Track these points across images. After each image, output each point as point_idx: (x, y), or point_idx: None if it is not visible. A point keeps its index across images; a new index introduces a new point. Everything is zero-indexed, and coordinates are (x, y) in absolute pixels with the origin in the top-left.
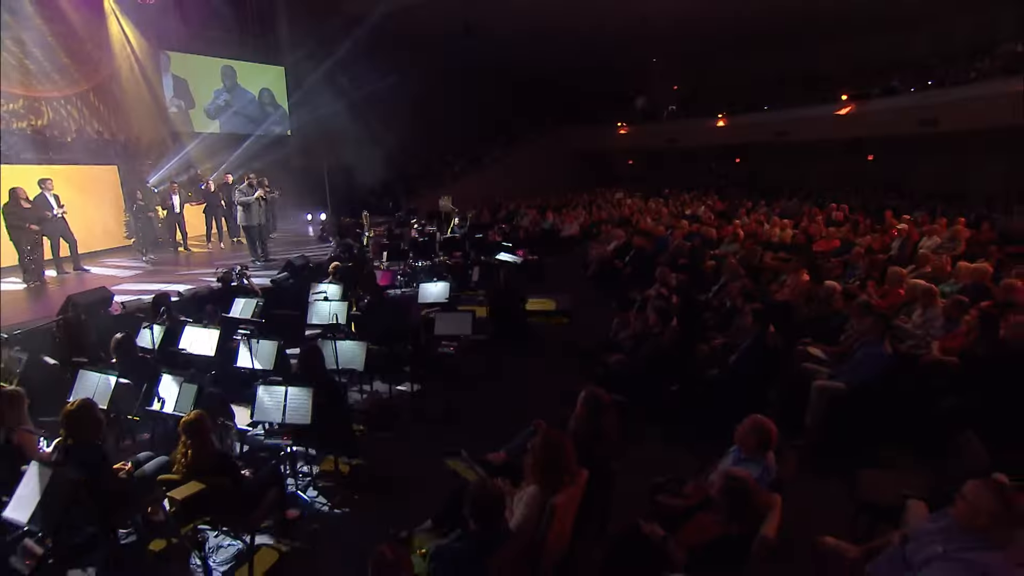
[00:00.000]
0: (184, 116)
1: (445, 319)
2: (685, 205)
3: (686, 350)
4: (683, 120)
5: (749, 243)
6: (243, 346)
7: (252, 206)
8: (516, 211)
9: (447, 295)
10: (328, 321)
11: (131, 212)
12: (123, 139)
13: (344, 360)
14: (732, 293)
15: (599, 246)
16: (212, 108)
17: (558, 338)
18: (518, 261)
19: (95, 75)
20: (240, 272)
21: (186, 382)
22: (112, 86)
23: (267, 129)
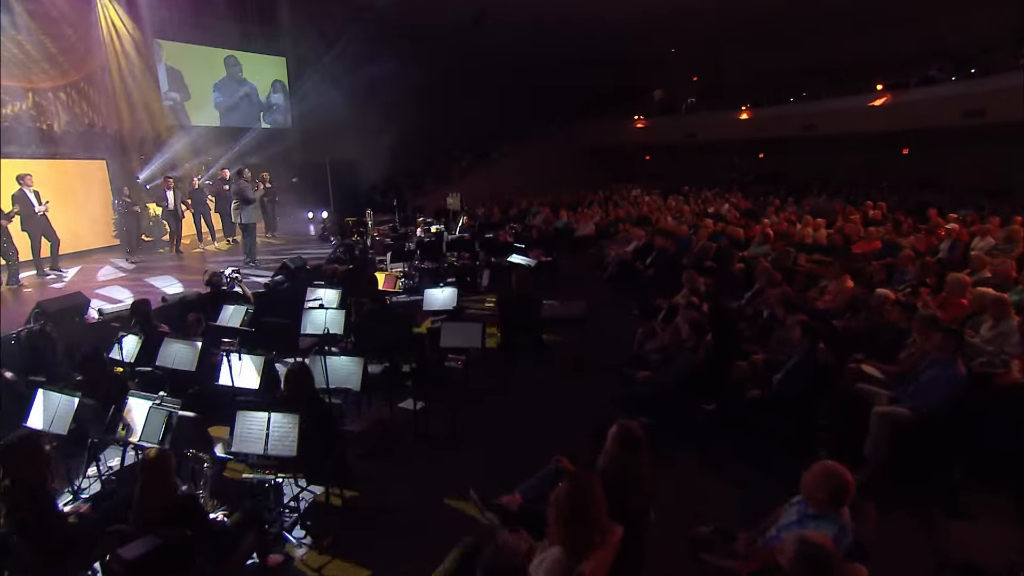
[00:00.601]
0: (180, 108)
1: (452, 330)
2: (707, 203)
3: (721, 367)
4: (703, 113)
5: (781, 244)
6: (225, 362)
7: (255, 203)
8: (528, 209)
9: (455, 302)
10: (322, 331)
11: (117, 209)
12: (113, 132)
13: (337, 379)
14: (771, 302)
15: (617, 246)
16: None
17: (574, 348)
18: (532, 264)
19: (83, 65)
20: (231, 276)
21: (155, 408)
22: (102, 77)
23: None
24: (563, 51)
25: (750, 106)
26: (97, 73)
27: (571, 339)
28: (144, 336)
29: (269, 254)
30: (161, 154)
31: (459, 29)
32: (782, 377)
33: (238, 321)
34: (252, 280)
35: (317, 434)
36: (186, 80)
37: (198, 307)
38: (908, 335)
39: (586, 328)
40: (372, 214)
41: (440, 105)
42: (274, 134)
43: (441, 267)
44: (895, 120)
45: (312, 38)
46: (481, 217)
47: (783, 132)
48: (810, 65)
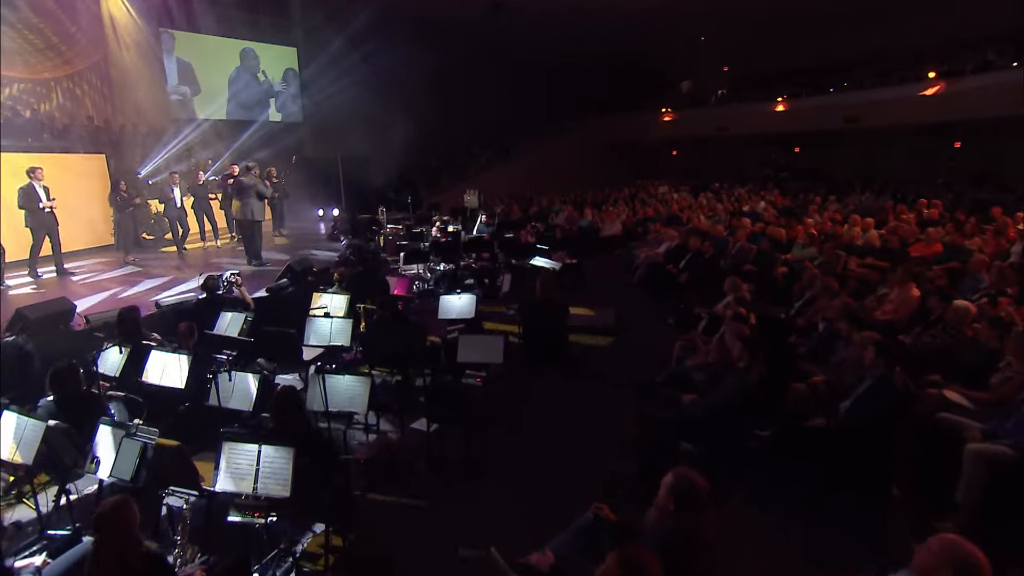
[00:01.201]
0: (188, 102)
1: (471, 343)
2: (741, 201)
3: (776, 389)
4: (735, 105)
5: (829, 247)
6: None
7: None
8: (549, 207)
9: (473, 311)
10: (327, 342)
11: (113, 206)
12: (117, 126)
13: (340, 401)
14: (831, 315)
15: (647, 248)
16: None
17: (604, 361)
18: (556, 267)
19: (85, 56)
20: (229, 279)
21: (127, 437)
22: (104, 68)
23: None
24: (585, 41)
25: (787, 97)
26: (99, 64)
27: (600, 350)
28: (131, 348)
29: (275, 254)
30: (165, 148)
31: (477, 19)
32: (851, 405)
33: (236, 330)
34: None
35: (315, 466)
36: (197, 73)
37: (194, 314)
38: (997, 356)
39: (616, 338)
40: (385, 212)
41: (457, 98)
42: (284, 128)
43: (458, 269)
44: (949, 110)
45: (324, 27)
46: (500, 216)
47: (823, 125)
48: (853, 53)
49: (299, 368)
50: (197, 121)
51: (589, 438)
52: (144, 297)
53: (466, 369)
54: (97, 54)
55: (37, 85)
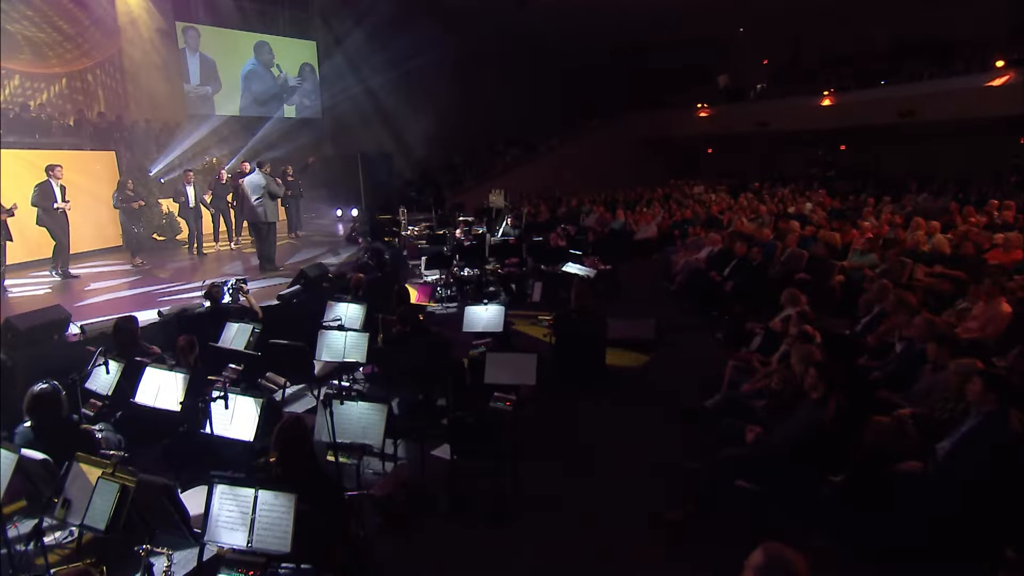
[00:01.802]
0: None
1: (500, 363)
2: (785, 201)
3: (852, 422)
4: (776, 100)
5: (892, 254)
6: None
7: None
8: (579, 208)
9: (501, 323)
10: (341, 358)
11: (118, 206)
12: (129, 122)
13: (352, 432)
14: (913, 334)
15: (686, 253)
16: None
17: (645, 379)
18: (591, 274)
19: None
20: (234, 286)
21: (105, 478)
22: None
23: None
24: (616, 33)
25: (833, 91)
26: (113, 58)
27: (640, 367)
28: (126, 363)
29: (291, 258)
30: (178, 146)
31: (503, 10)
32: (952, 447)
33: (243, 342)
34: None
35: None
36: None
37: (197, 324)
38: None
39: (657, 352)
40: (406, 212)
41: (481, 93)
42: (302, 124)
43: (483, 275)
44: (1019, 102)
45: (345, 20)
46: (527, 217)
47: (873, 120)
48: (908, 42)
49: (311, 383)
50: (212, 118)
51: (632, 473)
52: (148, 303)
53: (494, 391)
54: (111, 48)
55: (48, 80)
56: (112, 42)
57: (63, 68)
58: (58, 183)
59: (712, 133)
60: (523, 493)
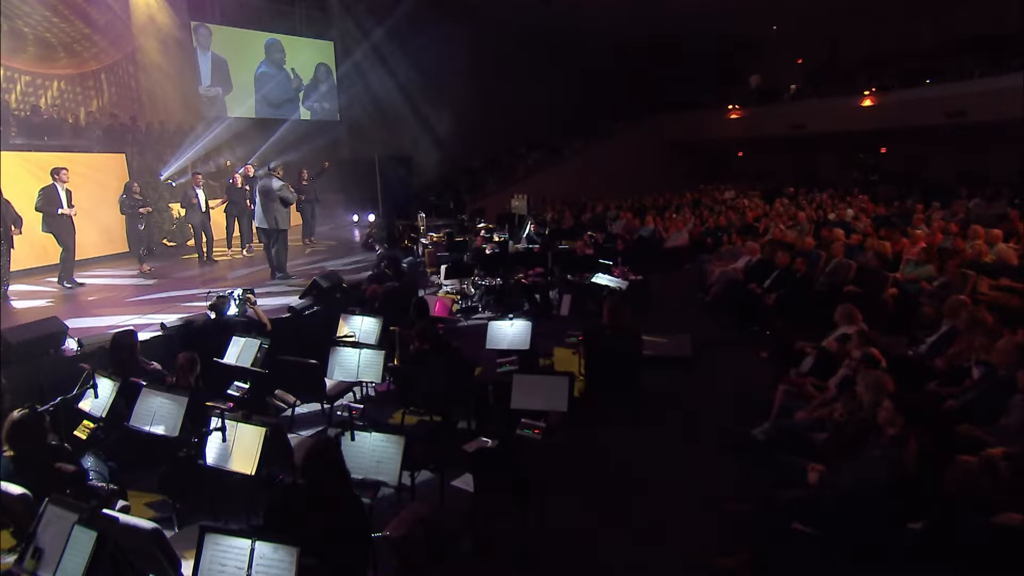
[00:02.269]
0: (219, 101)
1: (528, 386)
2: (823, 207)
3: (933, 461)
4: (814, 100)
5: (952, 264)
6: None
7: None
8: (604, 213)
9: (528, 340)
10: (354, 377)
11: (125, 211)
12: (143, 124)
13: (364, 466)
14: (997, 359)
15: (721, 262)
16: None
17: (683, 401)
18: (623, 286)
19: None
20: (241, 297)
21: (81, 524)
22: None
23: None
24: (643, 32)
25: (875, 90)
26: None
27: (677, 388)
28: (122, 382)
29: (304, 266)
30: (189, 148)
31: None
32: None
33: (249, 359)
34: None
35: None
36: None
37: (201, 339)
38: None
39: (695, 372)
40: (425, 218)
41: (503, 94)
42: (318, 127)
43: (505, 285)
44: None
45: (363, 20)
46: (551, 223)
47: (919, 121)
48: (955, 38)
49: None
50: (224, 120)
51: (674, 510)
52: (153, 314)
53: (521, 417)
54: (126, 48)
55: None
56: (126, 42)
57: (76, 69)
58: (64, 187)
59: (744, 136)
60: (552, 530)
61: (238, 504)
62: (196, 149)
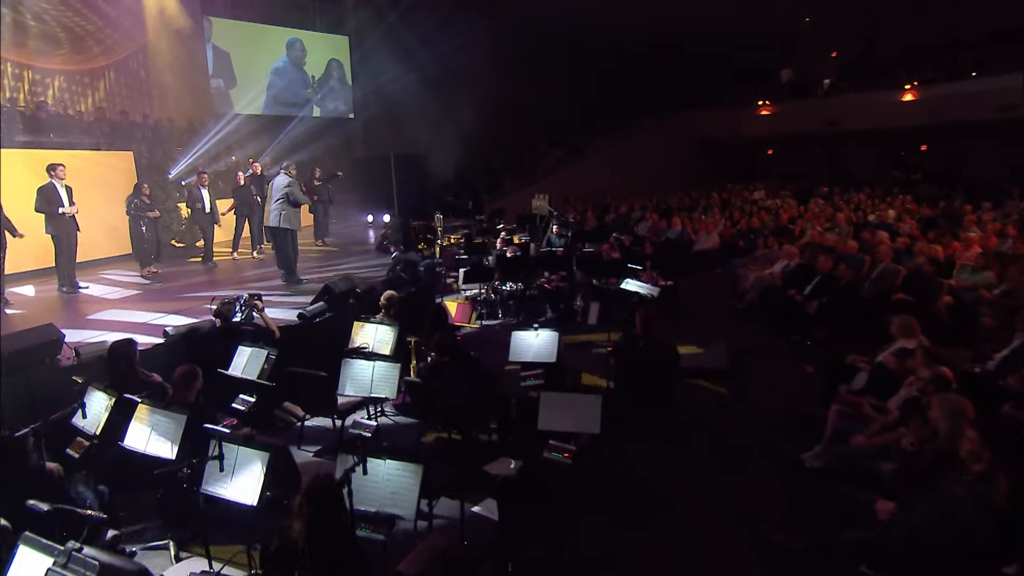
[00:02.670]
0: (223, 95)
1: (557, 405)
2: (861, 208)
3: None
4: (851, 95)
5: (1015, 271)
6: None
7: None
8: (629, 214)
9: (555, 353)
10: (368, 392)
11: (130, 212)
12: (153, 121)
13: (378, 497)
14: None
15: (756, 266)
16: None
17: (720, 418)
18: (654, 293)
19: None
20: (247, 303)
21: (55, 571)
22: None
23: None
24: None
25: (917, 84)
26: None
27: (714, 404)
28: (117, 397)
29: (316, 269)
30: (197, 147)
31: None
32: None
33: (255, 370)
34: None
35: None
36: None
37: (205, 347)
38: None
39: (733, 385)
40: (442, 219)
41: (522, 90)
42: (332, 124)
43: (527, 290)
44: None
45: (378, 13)
46: (574, 224)
47: (966, 115)
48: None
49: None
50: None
51: (719, 544)
52: (155, 320)
53: (549, 438)
54: (136, 43)
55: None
56: (137, 37)
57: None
58: (62, 184)
59: (774, 133)
60: (584, 558)
61: (240, 535)
62: (205, 147)
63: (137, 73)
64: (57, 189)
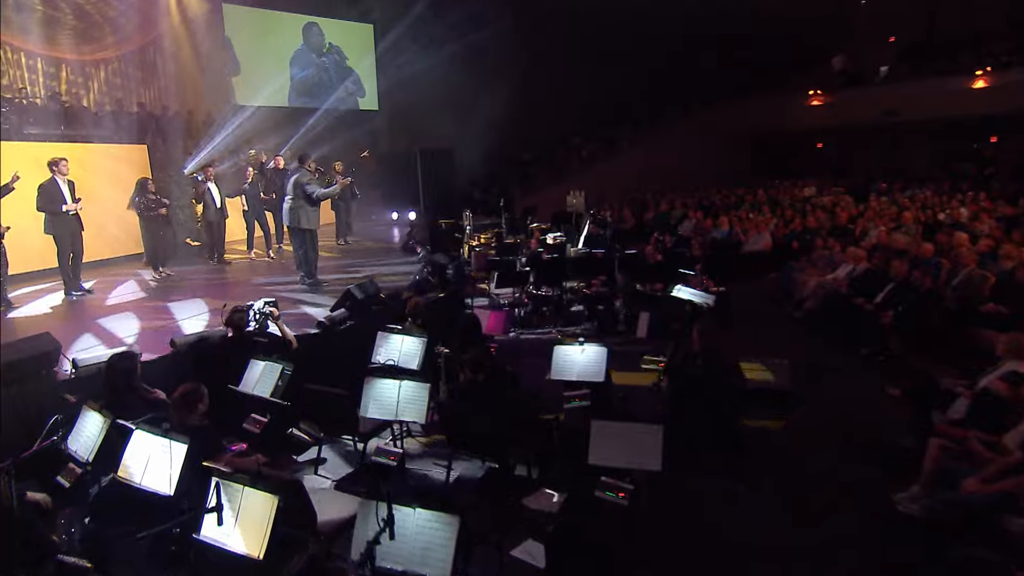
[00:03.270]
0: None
1: (610, 436)
2: (927, 206)
3: None
4: (912, 82)
5: None
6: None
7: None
8: (669, 212)
9: (603, 372)
10: (393, 416)
11: (138, 209)
12: (171, 113)
13: (404, 555)
14: None
15: (816, 271)
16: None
17: (797, 454)
18: (709, 302)
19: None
20: (262, 311)
21: None
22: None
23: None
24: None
25: (991, 69)
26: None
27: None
28: (113, 418)
29: (337, 272)
30: (215, 140)
31: None
32: None
33: (268, 387)
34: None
35: None
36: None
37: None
38: None
39: (801, 409)
40: (471, 216)
41: (553, 80)
42: (356, 117)
43: (564, 295)
44: None
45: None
46: (612, 223)
47: None
48: None
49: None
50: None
51: None
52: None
53: (602, 475)
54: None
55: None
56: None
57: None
58: (64, 180)
59: (826, 124)
60: None
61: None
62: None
63: (153, 64)
64: (59, 185)
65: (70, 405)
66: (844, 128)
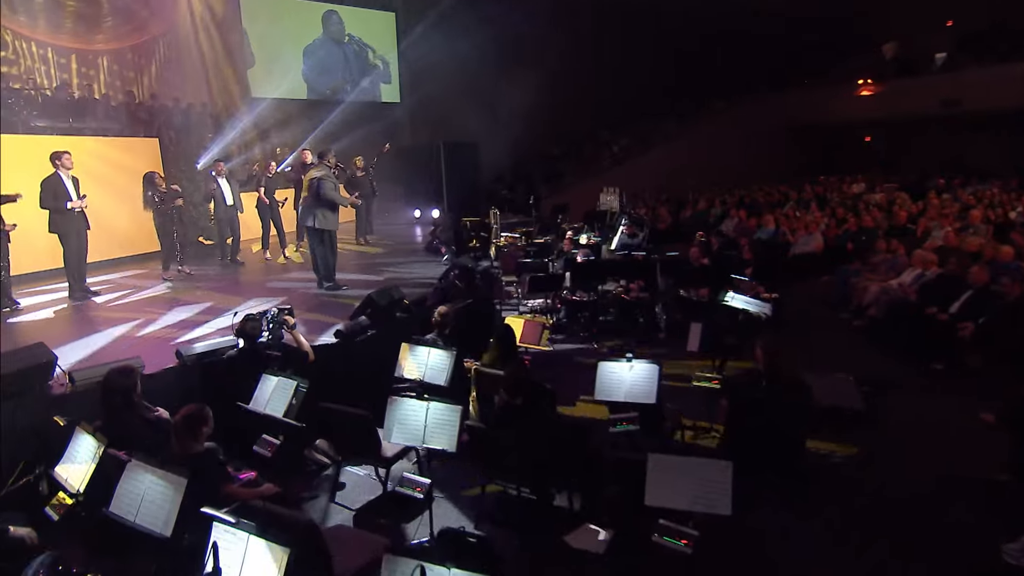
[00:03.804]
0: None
1: (668, 470)
2: (997, 203)
3: None
4: (973, 69)
5: None
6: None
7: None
8: (707, 210)
9: (654, 392)
10: (420, 443)
11: (151, 205)
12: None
13: None
14: None
15: (877, 275)
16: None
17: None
18: (767, 312)
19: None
20: (276, 319)
21: None
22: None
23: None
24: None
25: None
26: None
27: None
28: (107, 443)
29: (357, 274)
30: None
31: None
32: None
33: (282, 406)
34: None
35: None
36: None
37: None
38: None
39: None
40: (498, 214)
41: (583, 73)
42: (377, 109)
43: (599, 300)
44: None
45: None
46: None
47: None
48: None
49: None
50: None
51: None
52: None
53: (660, 517)
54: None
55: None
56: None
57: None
58: (68, 175)
59: (875, 116)
60: None
61: None
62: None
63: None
64: (63, 181)
65: (59, 428)
66: (892, 120)
